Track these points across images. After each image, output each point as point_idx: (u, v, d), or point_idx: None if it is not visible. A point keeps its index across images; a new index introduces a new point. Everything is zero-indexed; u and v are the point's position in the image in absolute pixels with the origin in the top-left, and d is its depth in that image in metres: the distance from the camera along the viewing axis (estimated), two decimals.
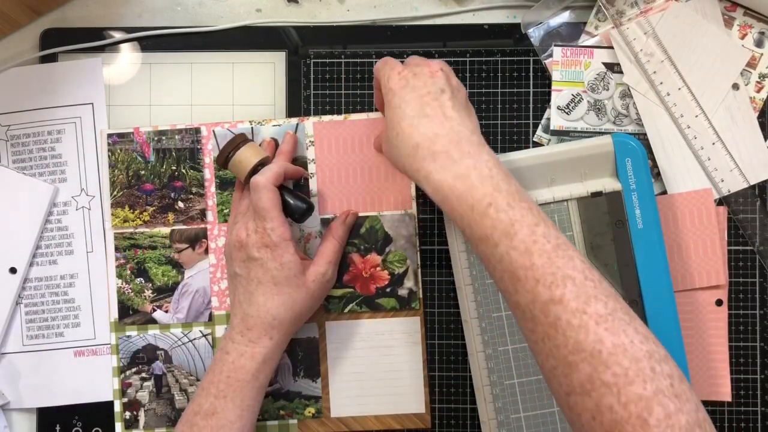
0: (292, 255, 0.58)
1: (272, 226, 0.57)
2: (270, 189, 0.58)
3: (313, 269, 0.61)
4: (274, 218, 0.58)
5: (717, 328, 0.66)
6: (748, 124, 0.67)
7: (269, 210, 0.58)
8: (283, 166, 0.61)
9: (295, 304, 0.59)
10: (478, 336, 0.65)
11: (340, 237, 0.64)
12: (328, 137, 0.67)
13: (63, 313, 0.69)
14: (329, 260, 0.62)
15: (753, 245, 0.67)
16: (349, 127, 0.67)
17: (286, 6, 0.71)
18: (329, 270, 0.62)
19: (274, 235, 0.57)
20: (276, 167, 0.60)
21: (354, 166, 0.67)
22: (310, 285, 0.60)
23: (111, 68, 0.70)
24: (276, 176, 0.59)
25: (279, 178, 0.59)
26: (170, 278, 0.68)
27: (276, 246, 0.57)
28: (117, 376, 0.68)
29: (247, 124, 0.68)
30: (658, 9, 0.67)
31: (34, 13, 0.70)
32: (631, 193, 0.63)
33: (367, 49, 0.69)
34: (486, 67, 0.69)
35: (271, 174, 0.59)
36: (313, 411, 0.67)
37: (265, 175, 0.59)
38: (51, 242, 0.69)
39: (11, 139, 0.70)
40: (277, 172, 0.59)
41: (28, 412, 0.70)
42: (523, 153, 0.64)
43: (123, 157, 0.69)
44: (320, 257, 0.62)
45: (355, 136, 0.67)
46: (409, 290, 0.67)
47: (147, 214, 0.68)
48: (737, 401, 0.67)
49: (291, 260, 0.58)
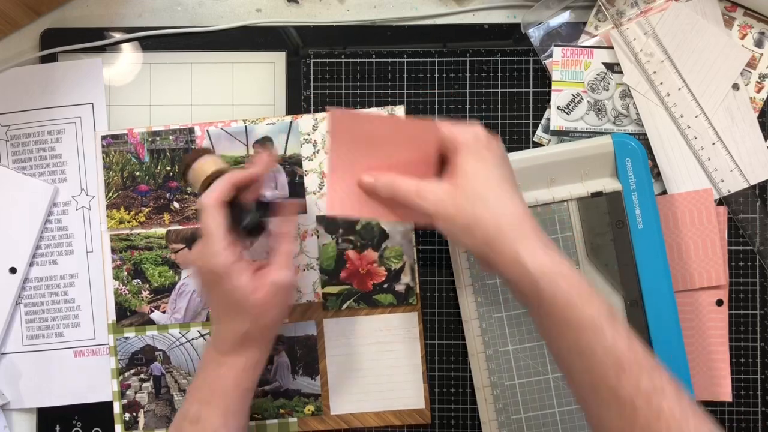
0: (237, 280, 0.54)
1: (215, 250, 0.54)
2: (212, 209, 0.54)
3: (268, 280, 0.55)
4: (216, 242, 0.54)
5: (717, 328, 0.66)
6: (748, 124, 0.67)
7: (211, 234, 0.54)
8: (231, 179, 0.56)
9: (258, 321, 0.55)
10: (479, 337, 0.65)
11: (290, 234, 0.59)
12: (346, 132, 0.58)
13: (63, 313, 0.69)
14: (284, 265, 0.56)
15: (753, 245, 0.67)
16: (367, 123, 0.56)
17: (286, 6, 0.71)
18: (286, 276, 0.56)
19: (216, 262, 0.54)
20: (222, 183, 0.56)
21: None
22: (268, 300, 0.55)
23: (111, 68, 0.70)
24: (221, 192, 0.55)
25: (225, 193, 0.55)
26: (167, 279, 0.68)
27: (219, 273, 0.54)
28: (116, 377, 0.68)
29: (241, 123, 0.68)
30: (658, 9, 0.67)
31: (34, 13, 0.70)
32: (631, 193, 0.63)
33: (367, 49, 0.69)
34: (486, 67, 0.69)
35: (217, 192, 0.55)
36: (313, 409, 0.67)
37: (210, 195, 0.55)
38: (51, 242, 0.69)
39: (11, 139, 0.70)
40: (222, 187, 0.55)
41: (28, 412, 0.69)
42: (523, 153, 0.64)
43: (117, 158, 0.69)
44: (274, 265, 0.56)
45: (375, 133, 0.56)
46: (406, 286, 0.67)
47: (143, 215, 0.68)
48: (737, 401, 0.67)
49: (237, 286, 0.54)
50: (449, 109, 0.69)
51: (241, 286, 0.54)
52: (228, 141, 0.68)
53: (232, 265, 0.54)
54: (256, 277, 0.55)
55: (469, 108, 0.69)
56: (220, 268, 0.54)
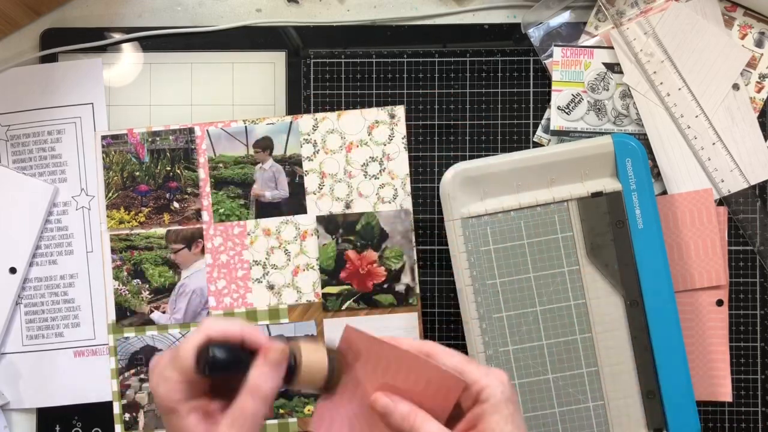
0: (186, 419, 0.45)
1: (169, 380, 0.45)
2: (191, 350, 0.45)
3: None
4: (174, 375, 0.45)
5: (717, 328, 0.66)
6: (748, 124, 0.66)
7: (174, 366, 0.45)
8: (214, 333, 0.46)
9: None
10: (479, 337, 0.65)
11: (258, 388, 0.45)
12: (358, 352, 0.49)
13: (63, 313, 0.69)
14: (233, 425, 0.44)
15: (753, 245, 0.67)
16: (387, 351, 0.48)
17: (286, 6, 0.71)
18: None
19: (163, 392, 0.45)
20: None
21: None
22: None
23: (111, 68, 0.70)
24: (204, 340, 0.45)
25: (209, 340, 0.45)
26: (167, 279, 0.68)
27: (165, 407, 0.46)
28: (116, 378, 0.68)
29: (241, 123, 0.68)
30: (658, 9, 0.67)
31: (34, 13, 0.70)
32: (631, 193, 0.63)
33: (367, 49, 0.69)
34: (486, 67, 0.69)
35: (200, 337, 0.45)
36: (313, 409, 0.67)
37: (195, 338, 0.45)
38: (51, 242, 0.69)
39: (11, 139, 0.70)
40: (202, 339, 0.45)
41: (28, 412, 0.69)
42: (523, 153, 0.64)
43: (117, 158, 0.69)
44: (224, 421, 0.45)
45: (390, 365, 0.48)
46: (406, 286, 0.67)
47: (142, 215, 0.68)
48: (738, 401, 0.67)
49: (186, 426, 0.45)
50: (449, 109, 0.69)
51: (189, 430, 0.45)
52: (228, 141, 0.68)
53: (180, 404, 0.45)
54: (208, 425, 0.45)
55: (469, 108, 0.69)
56: (165, 404, 0.45)
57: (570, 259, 0.64)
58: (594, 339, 0.63)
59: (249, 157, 0.68)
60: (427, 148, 0.69)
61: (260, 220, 0.68)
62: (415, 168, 0.69)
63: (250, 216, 0.68)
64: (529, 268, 0.64)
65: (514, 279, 0.64)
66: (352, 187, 0.68)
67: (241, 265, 0.68)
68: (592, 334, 0.63)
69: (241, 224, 0.68)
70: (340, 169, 0.68)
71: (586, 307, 0.63)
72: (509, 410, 0.46)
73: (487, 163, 0.64)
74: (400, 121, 0.68)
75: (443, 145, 0.69)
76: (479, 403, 0.46)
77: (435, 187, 0.68)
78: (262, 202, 0.68)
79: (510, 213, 0.64)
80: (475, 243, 0.64)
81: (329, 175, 0.68)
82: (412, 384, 0.46)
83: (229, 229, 0.68)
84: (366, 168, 0.68)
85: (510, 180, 0.64)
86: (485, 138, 0.69)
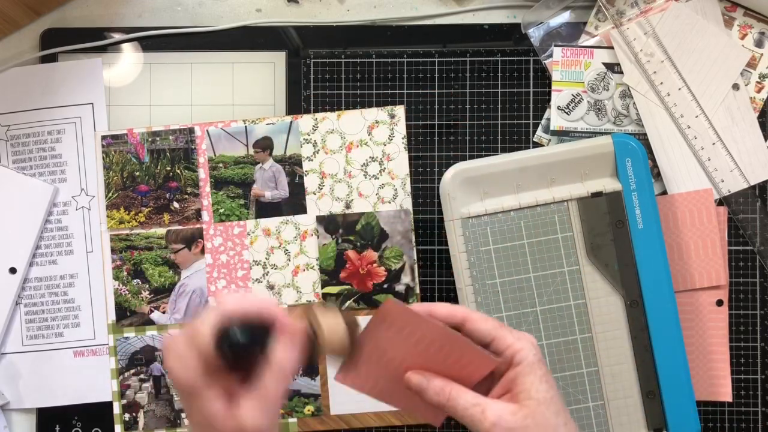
0: (209, 404, 0.43)
1: (188, 364, 0.44)
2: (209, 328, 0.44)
3: (236, 421, 0.43)
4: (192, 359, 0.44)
5: (717, 328, 0.66)
6: (748, 124, 0.66)
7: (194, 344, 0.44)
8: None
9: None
10: None
11: (281, 368, 0.44)
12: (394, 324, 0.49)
13: (63, 313, 0.69)
14: (258, 407, 0.43)
15: (753, 245, 0.67)
16: (423, 325, 0.48)
17: (286, 6, 0.71)
18: (254, 423, 0.43)
19: (186, 377, 0.44)
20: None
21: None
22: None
23: (111, 68, 0.70)
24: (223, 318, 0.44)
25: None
26: (167, 279, 0.68)
27: (187, 392, 0.44)
28: (115, 377, 0.68)
29: (241, 123, 0.68)
30: (658, 9, 0.67)
31: (34, 13, 0.70)
32: (631, 193, 0.63)
33: (367, 49, 0.69)
34: (486, 67, 0.69)
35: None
36: (313, 409, 0.67)
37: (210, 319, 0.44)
38: (51, 242, 0.69)
39: (11, 139, 0.70)
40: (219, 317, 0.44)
41: (28, 412, 0.69)
42: (523, 153, 0.64)
43: (117, 158, 0.69)
44: (248, 404, 0.43)
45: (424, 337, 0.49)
46: (406, 286, 0.67)
47: (142, 215, 0.68)
48: (737, 401, 0.67)
49: (210, 411, 0.43)
50: (449, 109, 0.69)
51: (212, 414, 0.44)
52: (228, 141, 0.68)
53: (202, 387, 0.43)
54: (230, 407, 0.44)
55: (469, 108, 0.69)
56: (187, 387, 0.44)
57: (570, 259, 0.64)
58: (594, 339, 0.63)
59: (249, 157, 0.68)
60: (427, 148, 0.69)
61: (260, 220, 0.68)
62: (415, 168, 0.69)
63: (250, 216, 0.68)
64: (529, 268, 0.64)
65: (514, 279, 0.64)
66: (352, 187, 0.68)
67: (241, 265, 0.68)
68: (592, 334, 0.63)
69: (241, 224, 0.68)
70: (340, 169, 0.68)
71: (586, 307, 0.63)
72: (542, 371, 0.47)
73: (487, 163, 0.64)
74: (400, 121, 0.68)
75: (443, 145, 0.69)
76: (513, 366, 0.47)
77: (435, 187, 0.68)
78: (262, 202, 0.68)
79: (510, 213, 0.64)
80: (475, 243, 0.64)
81: (329, 175, 0.68)
82: (444, 356, 0.48)
83: (229, 229, 0.68)
84: (366, 168, 0.68)
85: (510, 180, 0.64)
86: (485, 138, 0.69)
